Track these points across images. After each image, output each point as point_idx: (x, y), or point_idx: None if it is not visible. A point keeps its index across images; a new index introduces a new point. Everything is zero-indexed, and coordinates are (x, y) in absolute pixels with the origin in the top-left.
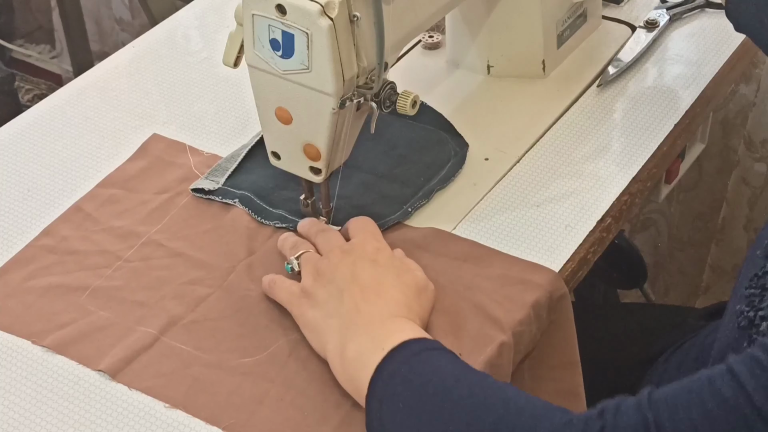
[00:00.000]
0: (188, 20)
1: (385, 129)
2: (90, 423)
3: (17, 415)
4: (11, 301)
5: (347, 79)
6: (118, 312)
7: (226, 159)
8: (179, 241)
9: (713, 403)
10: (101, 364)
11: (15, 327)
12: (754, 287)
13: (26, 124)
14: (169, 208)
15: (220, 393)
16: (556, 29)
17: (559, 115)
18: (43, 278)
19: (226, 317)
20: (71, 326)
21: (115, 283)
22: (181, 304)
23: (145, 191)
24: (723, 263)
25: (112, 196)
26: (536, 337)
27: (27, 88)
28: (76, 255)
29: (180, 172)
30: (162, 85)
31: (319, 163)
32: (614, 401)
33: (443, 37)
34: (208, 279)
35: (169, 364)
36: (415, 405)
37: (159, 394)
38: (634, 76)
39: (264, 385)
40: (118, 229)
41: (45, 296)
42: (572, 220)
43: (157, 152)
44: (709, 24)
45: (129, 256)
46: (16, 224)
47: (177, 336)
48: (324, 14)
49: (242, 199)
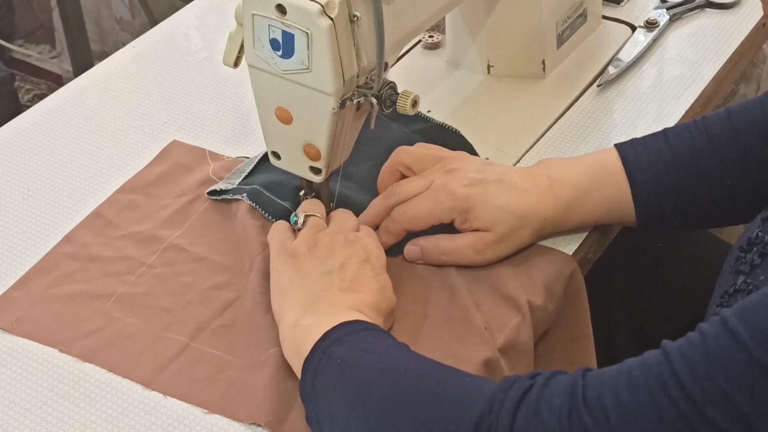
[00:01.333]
0: (188, 20)
1: (387, 138)
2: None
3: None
4: (35, 309)
5: (347, 79)
6: (145, 319)
7: (245, 163)
8: (201, 246)
9: (638, 371)
10: (134, 374)
11: (41, 335)
12: (725, 305)
13: (26, 124)
14: (189, 212)
15: (256, 392)
16: (556, 29)
17: (559, 115)
18: (67, 286)
19: (254, 321)
20: (98, 334)
21: (140, 289)
22: (207, 310)
23: (165, 196)
24: None
25: (132, 202)
26: (552, 314)
27: (27, 88)
28: (99, 261)
29: (198, 176)
30: (162, 85)
31: (319, 163)
32: (550, 371)
33: (443, 37)
34: (233, 283)
35: (201, 369)
36: (351, 367)
37: (195, 400)
38: (634, 76)
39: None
40: (139, 234)
41: (69, 304)
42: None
43: (176, 158)
44: (709, 24)
45: (152, 261)
46: (16, 224)
47: (207, 341)
48: (324, 14)
49: (251, 193)
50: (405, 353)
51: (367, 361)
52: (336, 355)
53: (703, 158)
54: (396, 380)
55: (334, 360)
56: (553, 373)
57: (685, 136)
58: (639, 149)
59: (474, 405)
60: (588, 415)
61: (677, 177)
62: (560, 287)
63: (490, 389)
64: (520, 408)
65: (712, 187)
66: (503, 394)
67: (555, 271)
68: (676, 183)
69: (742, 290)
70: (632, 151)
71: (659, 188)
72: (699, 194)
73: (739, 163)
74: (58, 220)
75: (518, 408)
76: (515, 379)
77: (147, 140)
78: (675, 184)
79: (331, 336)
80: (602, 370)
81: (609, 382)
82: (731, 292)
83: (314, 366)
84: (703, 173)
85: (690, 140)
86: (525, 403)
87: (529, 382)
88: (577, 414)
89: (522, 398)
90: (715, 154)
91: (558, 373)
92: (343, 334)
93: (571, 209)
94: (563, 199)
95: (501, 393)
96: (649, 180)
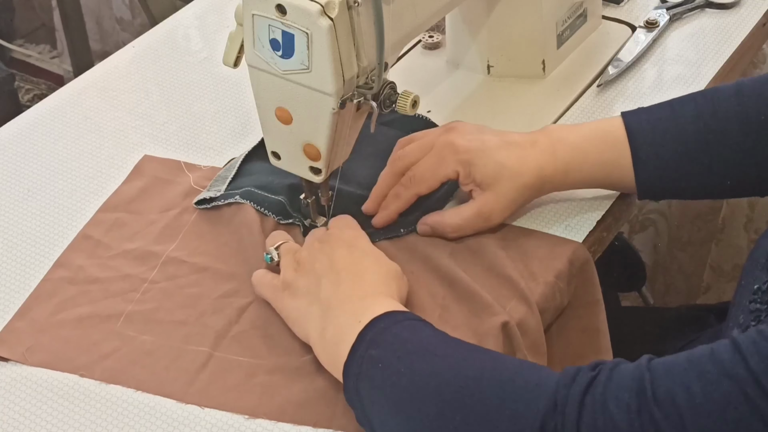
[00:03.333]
0: (188, 20)
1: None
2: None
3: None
4: (45, 337)
5: (347, 79)
6: (160, 334)
7: (225, 169)
8: (200, 256)
9: (710, 366)
10: (164, 390)
11: (56, 363)
12: (758, 301)
13: (26, 124)
14: (180, 224)
15: (294, 393)
16: (556, 29)
17: (559, 115)
18: (71, 310)
19: (272, 322)
20: (116, 354)
21: (149, 305)
22: (223, 318)
23: (149, 211)
24: (723, 263)
25: (117, 220)
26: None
27: (27, 88)
28: (99, 283)
29: (180, 188)
30: (162, 85)
31: (319, 163)
32: (612, 360)
33: (443, 37)
34: (241, 289)
35: (232, 377)
36: (396, 372)
37: (234, 407)
38: (634, 76)
39: (335, 378)
40: (133, 252)
41: (79, 328)
42: (572, 220)
43: (152, 172)
44: (709, 24)
45: (153, 276)
46: (16, 224)
47: (230, 349)
48: (324, 14)
49: (243, 194)
50: (446, 346)
51: (411, 363)
52: (375, 358)
53: (706, 129)
54: (446, 382)
55: (375, 364)
56: (616, 363)
57: (691, 106)
58: (643, 117)
59: (537, 402)
60: (659, 411)
61: (679, 146)
62: (559, 263)
63: (551, 383)
64: (585, 403)
65: (713, 159)
66: (566, 389)
67: (549, 250)
68: (678, 152)
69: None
70: (636, 118)
71: (661, 156)
72: (700, 165)
73: (742, 136)
74: (58, 220)
75: (583, 403)
76: (577, 371)
77: (147, 140)
78: (677, 153)
79: (366, 337)
80: (667, 359)
81: (679, 376)
82: (765, 289)
83: (355, 371)
84: (705, 144)
85: (695, 110)
86: (590, 397)
87: (591, 373)
88: (647, 409)
89: (586, 392)
90: (719, 126)
91: (620, 362)
92: (376, 333)
93: (570, 168)
94: (562, 158)
95: (564, 388)
96: (650, 148)
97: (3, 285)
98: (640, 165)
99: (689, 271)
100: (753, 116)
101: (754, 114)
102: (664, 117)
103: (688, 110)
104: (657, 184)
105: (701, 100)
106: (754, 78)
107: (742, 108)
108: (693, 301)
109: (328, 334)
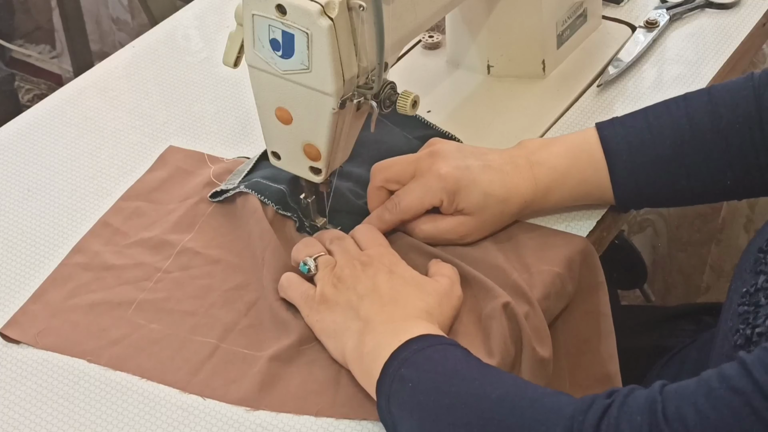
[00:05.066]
0: (188, 20)
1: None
2: None
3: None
4: (56, 321)
5: (347, 79)
6: (169, 323)
7: (245, 163)
8: (215, 249)
9: (716, 383)
10: (168, 379)
11: (66, 347)
12: (746, 304)
13: (26, 124)
14: (196, 214)
15: (293, 384)
16: (556, 29)
17: (559, 115)
18: (84, 296)
19: (278, 317)
20: (125, 341)
21: (160, 295)
22: (232, 311)
23: (169, 201)
24: (723, 263)
25: (137, 209)
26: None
27: (27, 88)
28: (114, 270)
29: (200, 179)
30: (162, 85)
31: (319, 163)
32: (626, 387)
33: (443, 37)
34: (251, 283)
35: (235, 369)
36: (424, 392)
37: (235, 399)
38: (634, 76)
39: (334, 367)
40: (150, 241)
41: (90, 314)
42: (572, 220)
43: (175, 162)
44: (709, 24)
45: (167, 266)
46: (16, 224)
47: (236, 341)
48: (324, 14)
49: (249, 185)
50: (474, 371)
51: (439, 385)
52: (407, 378)
53: (681, 139)
54: (472, 406)
55: (406, 384)
56: (630, 390)
57: (665, 117)
58: (618, 129)
59: (554, 428)
60: (668, 429)
61: (655, 158)
62: (555, 253)
63: (569, 410)
64: (600, 428)
65: (689, 167)
66: (582, 415)
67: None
68: (654, 164)
69: (764, 288)
70: (611, 131)
71: (637, 169)
72: (676, 174)
73: (715, 143)
74: (58, 220)
75: (599, 428)
76: (593, 399)
77: (147, 140)
78: (653, 165)
79: (399, 357)
80: (680, 384)
81: (688, 396)
82: (752, 291)
83: (387, 390)
84: (681, 154)
85: (669, 120)
86: (605, 421)
87: (607, 401)
88: (657, 429)
89: (602, 418)
90: (693, 134)
91: (635, 389)
92: (410, 354)
93: (550, 191)
94: (542, 181)
95: (580, 415)
96: (627, 162)
97: (3, 285)
98: (617, 180)
99: (689, 272)
100: (725, 122)
101: (725, 120)
102: (638, 128)
103: (664, 121)
104: (635, 197)
105: (674, 108)
106: (723, 85)
107: (714, 116)
108: (693, 301)
109: (367, 349)
